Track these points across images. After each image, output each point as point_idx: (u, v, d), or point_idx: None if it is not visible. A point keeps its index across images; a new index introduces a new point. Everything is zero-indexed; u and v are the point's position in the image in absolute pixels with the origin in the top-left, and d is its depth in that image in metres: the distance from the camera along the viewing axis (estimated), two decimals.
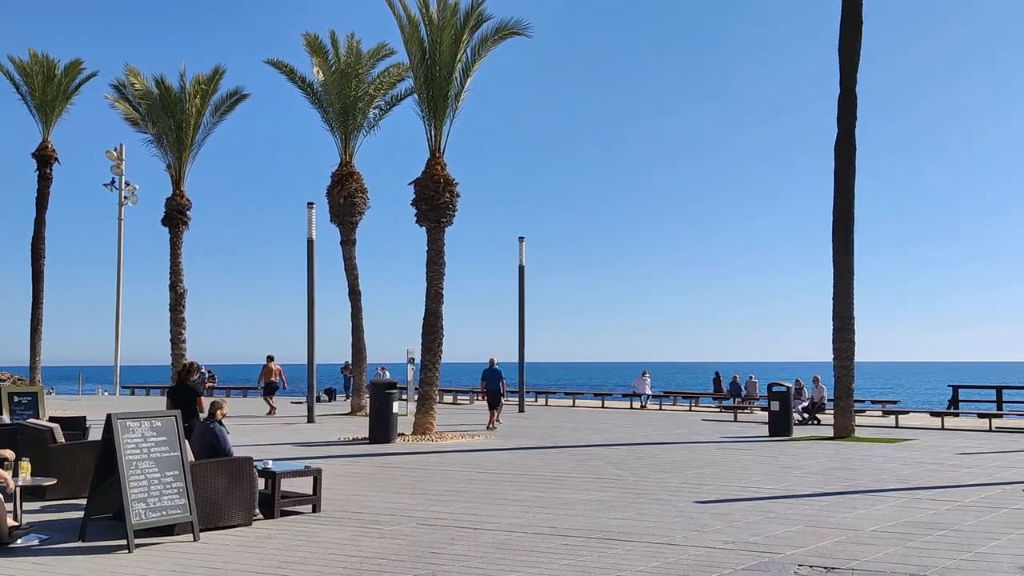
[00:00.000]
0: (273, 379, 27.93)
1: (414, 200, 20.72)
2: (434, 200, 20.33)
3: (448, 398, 36.92)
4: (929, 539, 8.23)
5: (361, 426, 20.88)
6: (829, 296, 20.65)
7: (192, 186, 33.57)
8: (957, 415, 26.48)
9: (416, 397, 20.66)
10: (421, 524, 9.08)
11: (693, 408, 32.36)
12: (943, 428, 22.52)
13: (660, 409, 31.74)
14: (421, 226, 20.71)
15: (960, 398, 30.62)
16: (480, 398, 29.66)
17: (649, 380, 33.89)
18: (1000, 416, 24.72)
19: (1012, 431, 21.66)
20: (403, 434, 19.13)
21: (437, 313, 20.28)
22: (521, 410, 29.03)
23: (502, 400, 22.66)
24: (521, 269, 29.61)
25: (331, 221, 27.98)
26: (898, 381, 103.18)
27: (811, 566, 7.12)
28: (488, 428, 21.55)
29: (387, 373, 36.29)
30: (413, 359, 22.15)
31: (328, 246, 30.29)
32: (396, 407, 18.72)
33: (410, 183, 20.83)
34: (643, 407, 32.54)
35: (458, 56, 20.32)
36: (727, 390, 33.52)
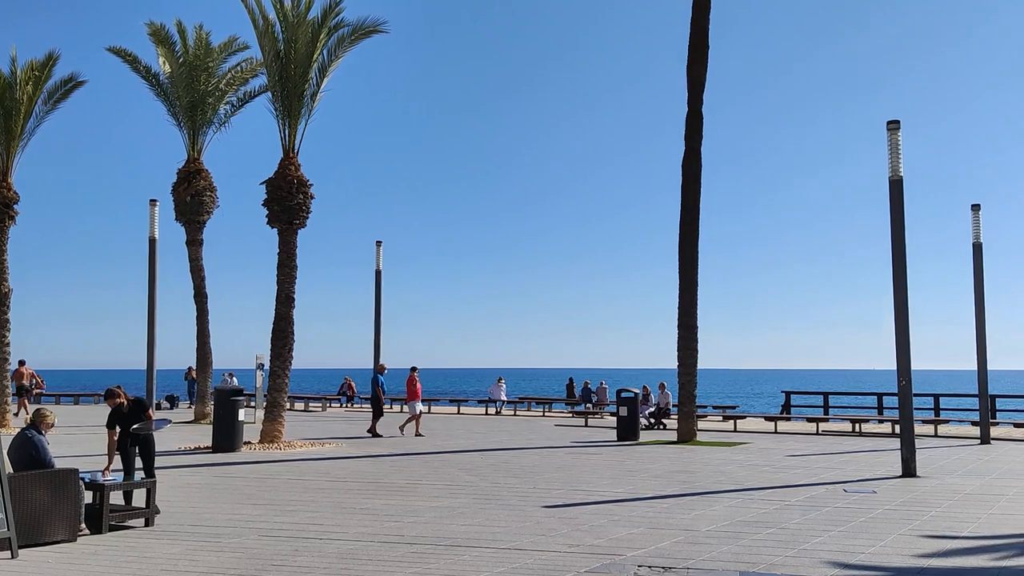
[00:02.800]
0: (24, 383, 26.70)
1: (266, 200, 20.07)
2: (287, 201, 19.76)
3: (299, 405, 35.96)
4: (758, 537, 8.67)
5: (205, 434, 19.99)
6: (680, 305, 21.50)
7: (24, 179, 31.21)
8: (789, 419, 28.14)
9: (264, 404, 19.97)
10: (263, 536, 8.75)
11: (547, 414, 32.94)
12: (776, 432, 23.89)
13: (515, 415, 32.09)
14: (273, 227, 20.08)
15: (792, 403, 32.62)
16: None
17: (504, 386, 34.22)
18: (826, 420, 26.49)
19: (836, 434, 23.24)
20: (249, 443, 18.45)
21: (288, 318, 19.70)
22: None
23: (381, 407, 22.23)
24: (378, 273, 29.23)
25: (176, 220, 26.72)
26: (741, 387, 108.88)
27: (650, 566, 7.34)
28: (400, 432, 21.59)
29: (235, 379, 34.94)
30: (262, 365, 21.43)
31: (173, 246, 28.91)
32: (242, 414, 18.03)
33: (262, 183, 20.17)
34: (498, 413, 32.80)
35: (314, 55, 19.85)
36: (579, 396, 34.29)
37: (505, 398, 34.04)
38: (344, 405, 37.53)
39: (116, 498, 9.52)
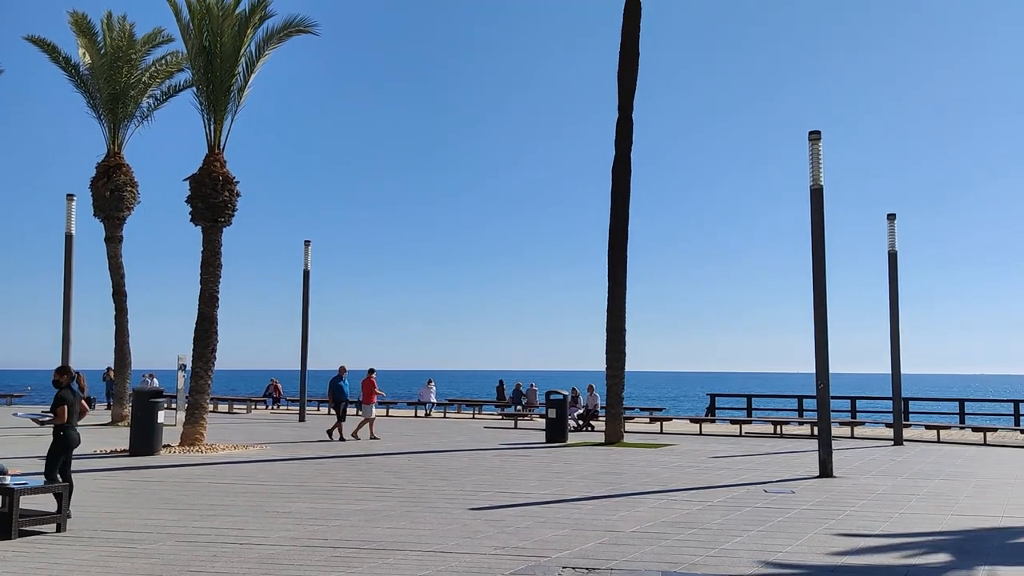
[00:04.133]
0: None
1: (190, 197, 19.59)
2: (211, 198, 19.31)
3: (223, 407, 35.18)
4: (681, 537, 8.81)
5: (122, 437, 19.36)
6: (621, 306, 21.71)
7: None
8: (713, 421, 28.72)
9: (185, 406, 19.47)
10: (180, 541, 8.51)
11: (476, 416, 32.92)
12: (701, 434, 24.35)
13: (444, 417, 32.00)
14: (197, 225, 19.61)
15: (716, 406, 33.31)
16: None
17: (434, 388, 34.14)
18: (749, 422, 27.11)
19: (759, 436, 23.81)
20: (169, 446, 17.96)
21: (211, 317, 19.25)
22: (302, 419, 28.18)
23: (343, 411, 21.68)
24: (306, 273, 28.83)
25: (95, 215, 25.86)
26: (668, 389, 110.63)
27: (574, 568, 7.39)
28: (352, 436, 21.02)
29: (155, 380, 33.98)
30: (184, 365, 20.89)
31: (91, 243, 27.94)
32: (162, 416, 17.53)
33: (186, 179, 19.68)
34: (428, 415, 32.67)
35: (241, 50, 19.48)
36: (509, 398, 34.37)
37: (435, 400, 33.94)
38: (270, 407, 36.89)
39: (28, 503, 9.14)
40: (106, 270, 26.19)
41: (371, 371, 21.82)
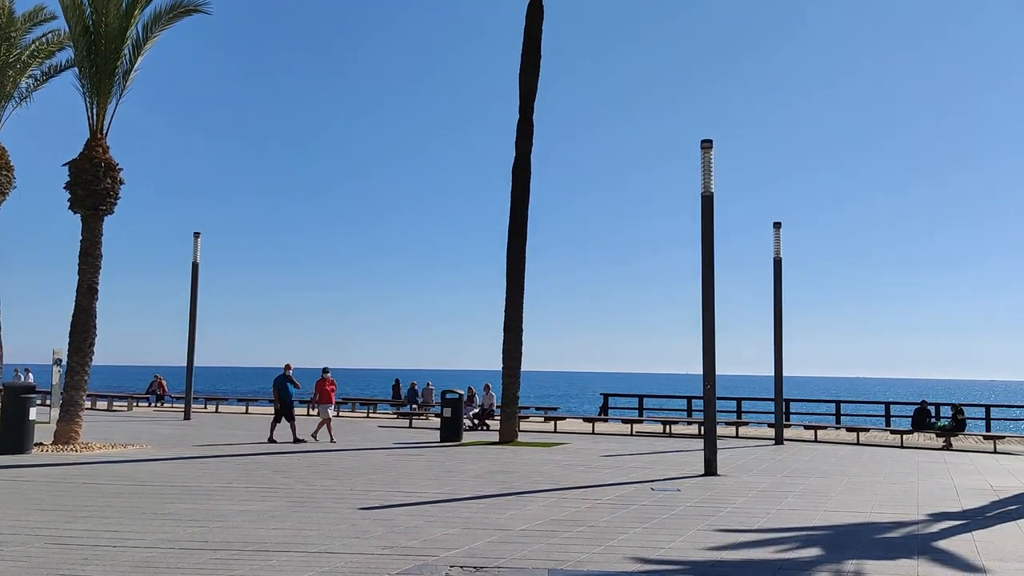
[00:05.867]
0: None
1: (69, 184, 18.64)
2: (92, 185, 18.43)
3: (102, 404, 33.64)
4: (569, 535, 8.92)
5: None
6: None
7: None
8: (606, 421, 29.26)
9: (60, 403, 18.51)
10: (50, 544, 8.06)
11: (371, 415, 32.53)
12: (593, 433, 24.77)
13: (338, 416, 31.40)
14: (76, 213, 18.67)
15: (609, 405, 33.94)
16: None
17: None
18: (640, 422, 27.73)
19: (649, 435, 24.39)
20: (41, 444, 17.06)
21: (90, 310, 18.36)
22: (187, 417, 27.22)
23: (292, 411, 20.71)
24: (195, 266, 27.87)
25: None
26: (564, 389, 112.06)
27: (462, 567, 7.36)
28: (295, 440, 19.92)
29: (30, 376, 32.23)
30: (60, 360, 19.86)
31: None
32: (34, 413, 16.62)
33: (65, 164, 18.72)
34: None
35: (128, 31, 18.65)
36: (405, 397, 34.10)
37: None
38: (153, 405, 35.52)
39: None
40: None
41: (325, 370, 21.09)
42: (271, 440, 19.90)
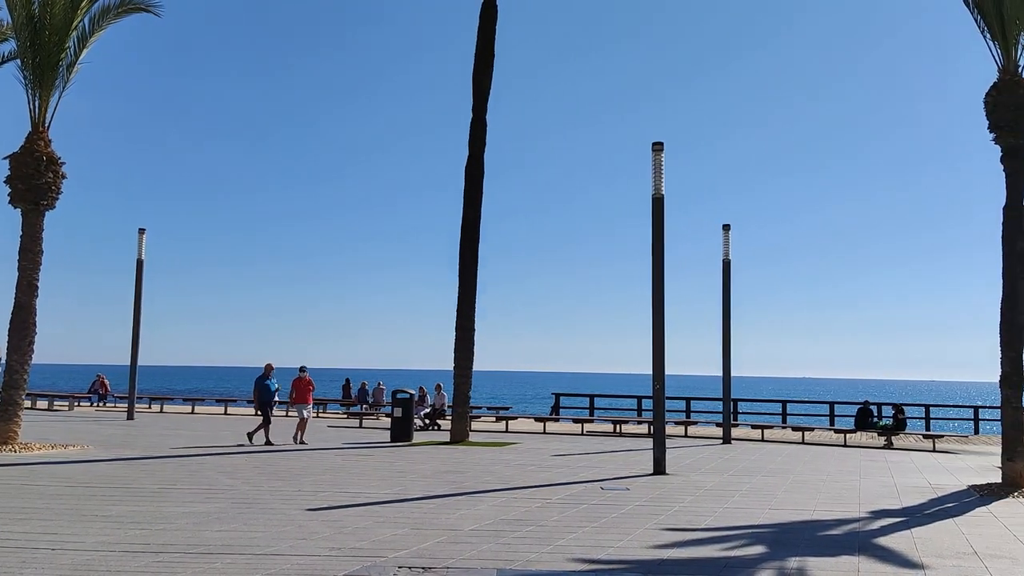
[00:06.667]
0: None
1: (9, 178, 18.14)
2: (33, 179, 17.94)
3: (42, 404, 32.78)
4: (518, 535, 8.93)
5: None
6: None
7: None
8: (557, 420, 29.38)
9: None
10: None
11: (321, 415, 32.20)
12: (545, 432, 24.84)
13: (287, 416, 31.05)
14: (16, 207, 18.17)
15: (561, 405, 34.09)
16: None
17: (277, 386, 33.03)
18: (591, 421, 27.91)
19: (599, 434, 24.54)
20: None
21: (30, 308, 17.88)
22: (130, 417, 26.66)
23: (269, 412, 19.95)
24: (139, 263, 27.30)
25: None
26: (517, 389, 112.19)
27: (410, 567, 7.33)
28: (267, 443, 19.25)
29: None
30: (0, 359, 19.28)
31: None
32: None
33: (5, 157, 18.21)
34: None
35: (74, 23, 18.20)
36: (355, 397, 33.83)
37: (277, 399, 32.85)
38: (95, 404, 34.70)
39: None
40: None
41: (302, 369, 20.36)
42: (268, 443, 19.33)
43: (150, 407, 33.69)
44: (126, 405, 27.80)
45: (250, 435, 19.78)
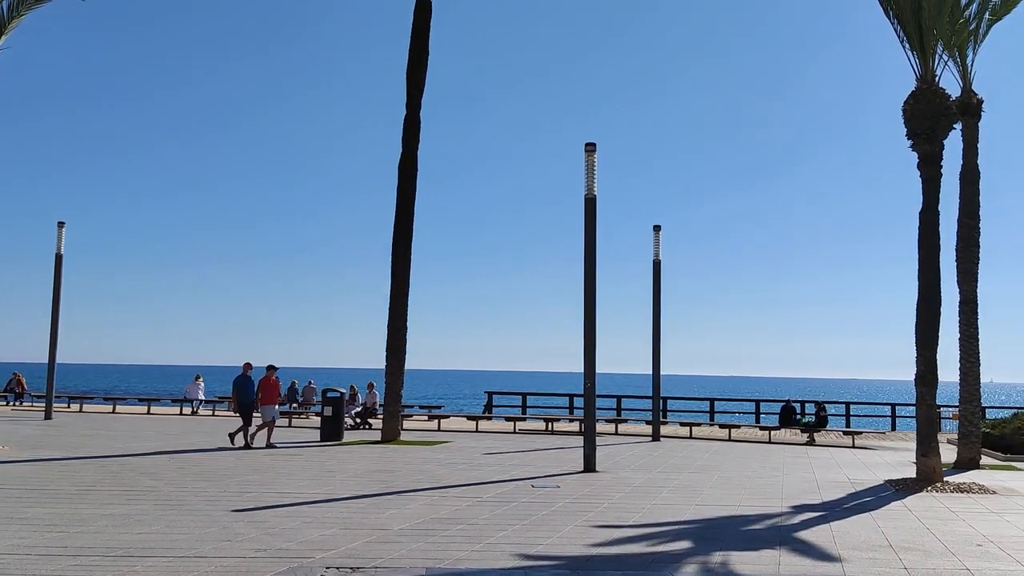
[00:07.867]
0: None
1: None
2: None
3: None
4: (448, 533, 8.91)
5: None
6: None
7: None
8: (490, 419, 29.39)
9: None
10: None
11: None
12: (478, 431, 24.84)
13: (214, 415, 30.39)
14: None
15: (494, 403, 34.12)
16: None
17: (203, 385, 32.33)
18: (523, 419, 28.01)
19: (532, 432, 24.64)
20: None
21: None
22: (48, 416, 25.73)
23: (249, 412, 18.95)
24: (58, 258, 26.37)
25: None
26: (451, 388, 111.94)
27: (339, 568, 7.25)
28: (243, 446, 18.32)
29: None
30: None
31: None
32: None
33: None
34: (195, 413, 30.91)
35: None
36: (284, 395, 33.26)
37: (203, 397, 32.17)
38: (11, 404, 33.40)
39: None
40: None
41: (270, 368, 19.26)
42: (248, 445, 18.44)
43: (69, 406, 32.55)
44: (43, 404, 26.82)
45: (231, 435, 18.97)
